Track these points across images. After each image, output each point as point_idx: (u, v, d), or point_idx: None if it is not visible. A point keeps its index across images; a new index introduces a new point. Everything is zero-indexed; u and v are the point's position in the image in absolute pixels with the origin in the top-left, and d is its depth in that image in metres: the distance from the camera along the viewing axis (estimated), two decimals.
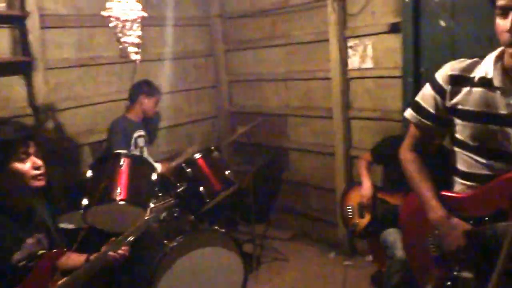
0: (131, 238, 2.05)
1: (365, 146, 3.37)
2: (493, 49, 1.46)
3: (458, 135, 1.52)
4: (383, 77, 3.29)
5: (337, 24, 3.38)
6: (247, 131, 3.74)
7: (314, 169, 3.94)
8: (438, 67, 2.83)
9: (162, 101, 3.57)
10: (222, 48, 4.49)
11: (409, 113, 1.66)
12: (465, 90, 1.48)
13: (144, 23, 2.52)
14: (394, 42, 3.16)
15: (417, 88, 2.97)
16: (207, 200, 3.03)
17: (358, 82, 3.46)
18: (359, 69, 3.42)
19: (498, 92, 1.40)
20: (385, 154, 2.90)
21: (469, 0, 2.71)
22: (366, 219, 2.88)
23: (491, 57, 1.46)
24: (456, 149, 1.55)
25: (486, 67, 1.44)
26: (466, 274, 1.45)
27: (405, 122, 1.71)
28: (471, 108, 1.46)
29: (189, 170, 3.03)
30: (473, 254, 1.44)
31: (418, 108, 1.61)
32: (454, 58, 2.73)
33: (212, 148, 3.24)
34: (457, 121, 1.51)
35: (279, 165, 4.19)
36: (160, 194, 2.60)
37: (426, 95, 1.59)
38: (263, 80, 4.22)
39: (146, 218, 2.16)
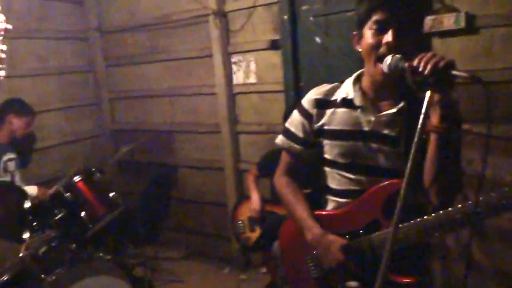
0: (3, 278, 1.81)
1: (253, 160, 3.41)
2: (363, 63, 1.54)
3: (327, 155, 1.57)
4: (267, 91, 3.39)
5: (220, 40, 3.42)
6: (131, 149, 3.58)
7: (204, 185, 3.90)
8: (316, 81, 3.00)
9: (37, 120, 3.28)
10: (102, 63, 4.29)
11: (280, 139, 1.69)
12: (329, 111, 1.55)
13: (9, 36, 2.27)
14: (275, 58, 3.27)
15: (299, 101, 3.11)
16: (90, 226, 2.85)
17: (244, 97, 3.52)
18: (243, 84, 3.48)
19: (359, 110, 1.48)
20: (270, 166, 2.95)
21: (340, 19, 2.91)
22: (257, 232, 2.91)
23: (349, 80, 1.54)
24: (326, 168, 1.59)
25: (347, 89, 1.52)
26: (352, 284, 1.48)
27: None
28: (336, 127, 1.53)
29: (68, 194, 2.82)
30: (353, 267, 1.47)
31: (288, 134, 1.65)
32: (330, 72, 2.97)
33: (94, 169, 3.05)
34: (325, 141, 1.56)
35: (168, 183, 4.08)
36: (35, 224, 2.36)
37: (294, 121, 1.63)
38: (146, 96, 4.11)
39: (20, 255, 1.93)
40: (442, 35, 2.56)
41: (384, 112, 1.45)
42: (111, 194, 3.05)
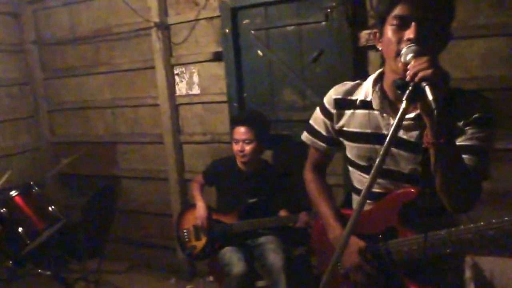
0: None
1: (197, 169, 3.45)
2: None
3: (349, 155, 1.55)
4: (211, 102, 3.44)
5: (163, 52, 3.45)
6: (71, 161, 3.50)
7: (148, 195, 3.89)
8: (259, 92, 3.14)
9: None
10: (40, 75, 4.18)
11: (304, 135, 1.68)
12: (348, 112, 1.51)
13: None
14: (218, 69, 3.34)
15: (240, 111, 3.20)
16: (28, 242, 2.75)
17: (187, 107, 3.55)
18: (187, 95, 3.52)
19: (378, 113, 1.42)
20: (215, 175, 3.02)
21: (280, 33, 3.04)
22: (203, 240, 2.94)
23: (371, 79, 1.47)
24: (350, 168, 1.58)
25: (366, 89, 1.47)
26: None
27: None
28: (355, 130, 1.49)
29: (4, 210, 2.72)
30: (370, 270, 1.46)
31: (311, 131, 1.64)
32: (272, 83, 3.08)
33: (32, 183, 2.96)
34: (345, 142, 1.55)
35: (111, 194, 4.02)
36: None
37: (317, 119, 1.62)
38: (87, 108, 4.04)
39: None
40: (378, 48, 2.73)
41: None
42: (50, 208, 2.97)
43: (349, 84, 1.55)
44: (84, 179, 4.13)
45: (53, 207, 3.03)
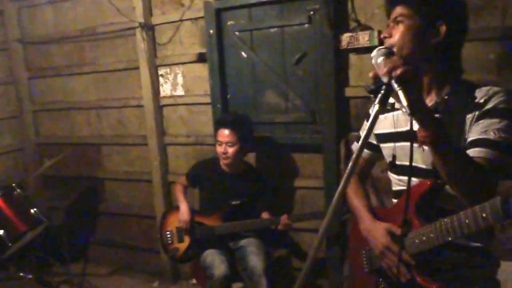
0: None
1: (181, 171, 3.44)
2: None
3: (385, 156, 1.61)
4: (195, 103, 3.43)
5: (147, 52, 3.42)
6: (55, 163, 3.47)
7: (132, 197, 3.86)
8: (242, 93, 3.13)
9: None
10: (25, 75, 4.13)
11: (354, 145, 1.80)
12: (382, 117, 1.54)
13: None
14: (202, 70, 3.33)
15: (224, 114, 3.19)
16: (10, 244, 2.72)
17: (171, 109, 3.54)
18: (171, 97, 3.50)
19: (400, 111, 1.48)
20: (199, 176, 3.01)
21: (264, 34, 3.03)
22: (186, 243, 2.92)
23: None
24: (388, 172, 1.62)
25: None
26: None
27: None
28: (383, 131, 1.57)
29: None
30: (399, 252, 1.42)
31: (359, 139, 1.71)
32: (256, 85, 3.08)
33: (14, 185, 2.93)
34: (380, 145, 1.61)
35: (95, 196, 3.99)
36: None
37: (363, 127, 1.68)
38: (72, 108, 4.00)
39: None
40: (358, 51, 2.75)
41: None
42: (32, 211, 2.94)
43: None
44: (68, 181, 4.10)
45: (35, 209, 3.00)
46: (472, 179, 1.21)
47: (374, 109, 1.09)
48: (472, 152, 1.26)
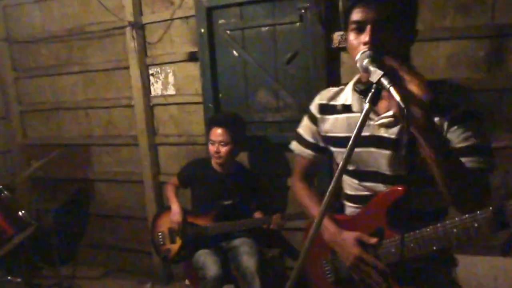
0: None
1: (173, 171, 3.40)
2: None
3: (337, 161, 1.56)
4: (186, 103, 3.40)
5: (137, 51, 3.38)
6: (43, 164, 3.41)
7: (123, 198, 3.82)
8: (234, 92, 3.11)
9: None
10: (11, 74, 4.06)
11: (293, 144, 1.70)
12: (332, 118, 1.52)
13: None
14: (193, 70, 3.30)
15: (217, 113, 3.17)
16: None
17: (162, 108, 3.50)
18: (162, 96, 3.46)
19: (355, 114, 1.44)
20: (190, 176, 2.98)
21: (256, 33, 3.01)
22: (178, 244, 2.89)
23: (351, 83, 1.49)
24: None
25: (347, 94, 1.48)
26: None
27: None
28: (339, 135, 1.50)
29: None
30: (372, 262, 1.40)
31: (299, 139, 1.66)
32: (248, 84, 3.06)
33: (1, 187, 2.88)
34: (332, 148, 1.56)
35: (85, 198, 3.93)
36: None
37: (304, 126, 1.64)
38: (60, 109, 3.94)
39: None
40: None
41: (383, 114, 1.36)
42: (20, 213, 2.88)
43: (333, 89, 1.56)
44: (57, 183, 4.04)
45: (23, 211, 2.94)
46: (468, 184, 1.21)
47: (364, 109, 1.08)
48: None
